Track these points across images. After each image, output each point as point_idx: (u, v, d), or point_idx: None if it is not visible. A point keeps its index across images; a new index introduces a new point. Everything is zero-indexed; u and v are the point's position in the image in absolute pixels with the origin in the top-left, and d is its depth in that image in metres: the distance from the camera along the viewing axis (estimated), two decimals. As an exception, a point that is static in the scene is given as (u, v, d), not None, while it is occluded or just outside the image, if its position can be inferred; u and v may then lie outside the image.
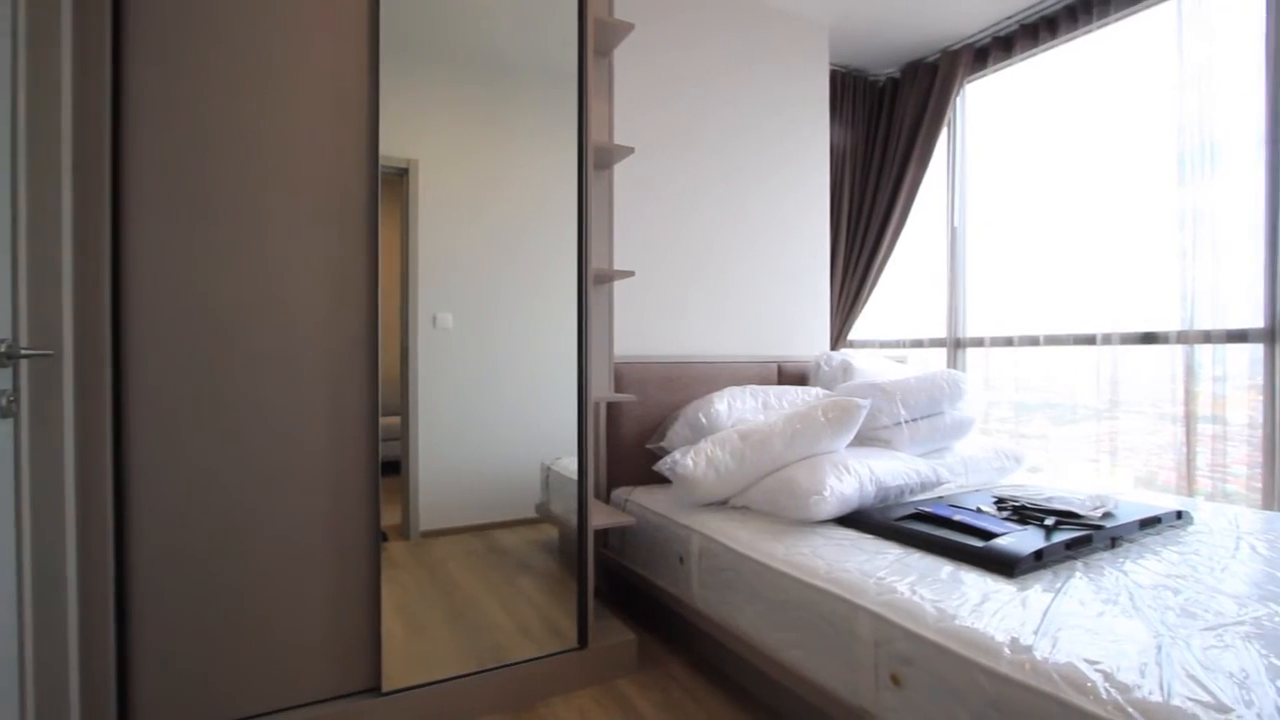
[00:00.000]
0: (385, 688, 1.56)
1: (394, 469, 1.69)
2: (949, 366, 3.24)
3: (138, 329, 1.37)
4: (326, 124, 1.53)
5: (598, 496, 2.38)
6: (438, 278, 1.71)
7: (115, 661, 1.33)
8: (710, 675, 1.83)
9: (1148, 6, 2.50)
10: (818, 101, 3.06)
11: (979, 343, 3.15)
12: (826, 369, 2.79)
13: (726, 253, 2.78)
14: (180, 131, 1.40)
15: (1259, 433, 2.20)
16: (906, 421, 2.33)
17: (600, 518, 1.91)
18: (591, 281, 1.84)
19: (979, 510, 1.79)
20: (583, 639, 1.80)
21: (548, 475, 1.91)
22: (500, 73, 1.80)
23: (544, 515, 1.91)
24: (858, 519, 1.79)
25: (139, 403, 1.37)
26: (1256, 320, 2.20)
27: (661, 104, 2.61)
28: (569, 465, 1.85)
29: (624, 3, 2.36)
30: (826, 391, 2.57)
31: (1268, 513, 1.99)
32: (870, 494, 1.87)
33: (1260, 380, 2.19)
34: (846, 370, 2.74)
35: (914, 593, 1.31)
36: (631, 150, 2.04)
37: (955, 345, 3.26)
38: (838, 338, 3.43)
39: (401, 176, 1.67)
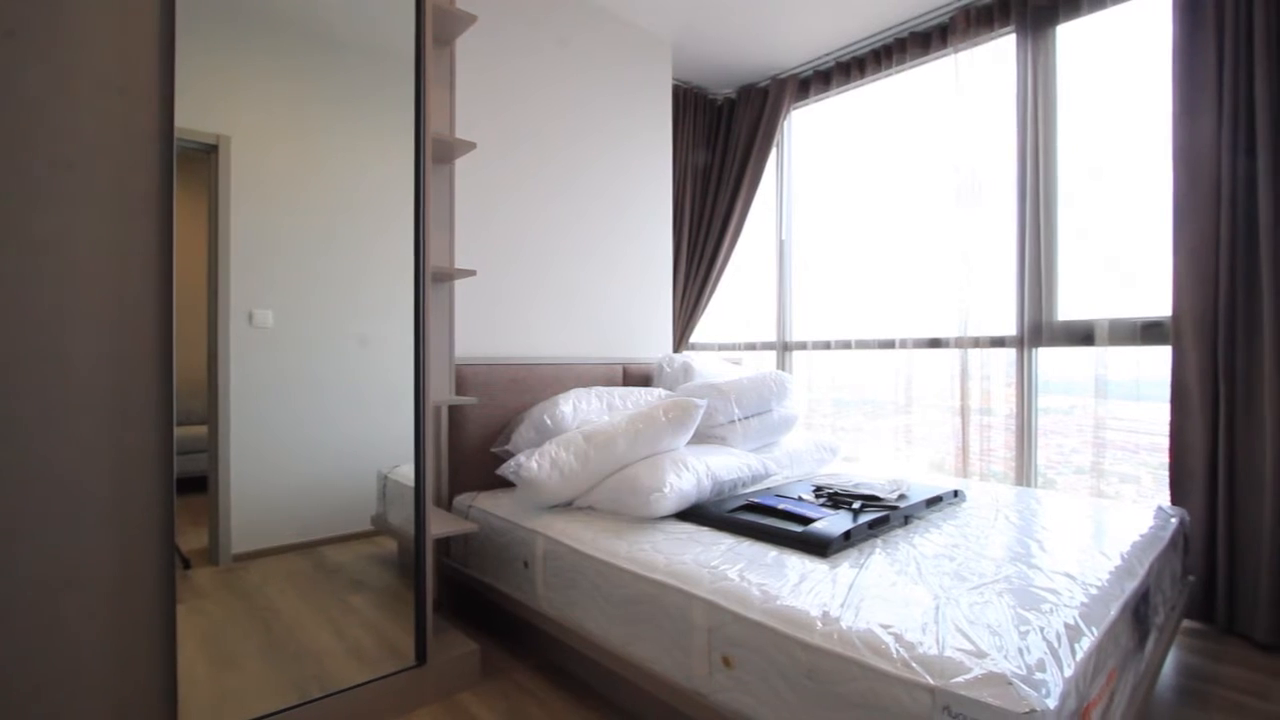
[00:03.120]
0: (184, 734, 1.37)
1: (202, 485, 1.49)
2: (778, 368, 3.53)
3: None
4: (106, 83, 1.32)
5: (439, 504, 2.29)
6: (255, 270, 1.54)
7: None
8: (556, 678, 1.83)
9: (932, 59, 2.93)
10: (661, 113, 3.19)
11: (803, 346, 3.47)
12: (669, 370, 2.91)
13: (573, 256, 2.80)
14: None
15: (1014, 422, 2.67)
16: (740, 419, 2.50)
17: (440, 526, 1.83)
18: (430, 279, 1.76)
19: (800, 498, 1.98)
20: (421, 655, 1.72)
21: (385, 484, 1.80)
22: (330, 50, 1.67)
23: (381, 527, 1.80)
24: (695, 513, 1.89)
25: None
26: (1011, 329, 2.66)
27: (508, 104, 2.57)
28: (408, 473, 1.76)
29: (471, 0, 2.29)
30: (669, 392, 2.68)
31: (1019, 488, 2.40)
32: (707, 488, 1.98)
33: (1014, 379, 2.66)
34: (687, 371, 2.88)
35: (743, 578, 1.41)
36: (474, 145, 1.98)
37: (783, 348, 3.57)
38: (680, 340, 3.60)
39: (209, 154, 1.49)
